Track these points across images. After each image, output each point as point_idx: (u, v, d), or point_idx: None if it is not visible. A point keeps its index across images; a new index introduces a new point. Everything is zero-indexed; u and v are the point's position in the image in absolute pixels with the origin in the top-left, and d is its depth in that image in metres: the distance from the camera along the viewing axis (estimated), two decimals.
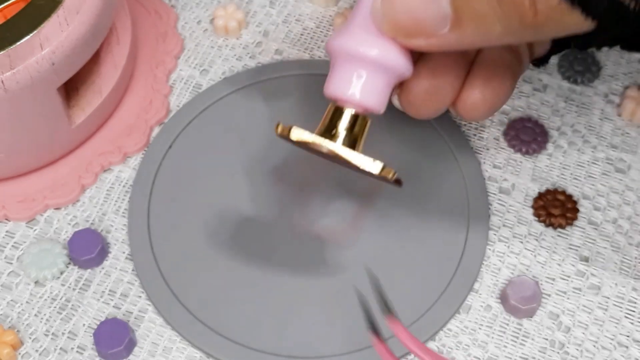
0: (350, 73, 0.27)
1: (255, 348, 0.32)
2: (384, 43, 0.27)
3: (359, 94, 0.27)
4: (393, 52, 0.27)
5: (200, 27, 0.41)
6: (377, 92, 0.28)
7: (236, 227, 0.35)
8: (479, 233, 0.34)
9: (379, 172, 0.27)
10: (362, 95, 0.27)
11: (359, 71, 0.27)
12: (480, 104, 0.30)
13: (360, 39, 0.27)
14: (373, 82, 0.27)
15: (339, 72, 0.28)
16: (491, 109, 0.31)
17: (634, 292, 0.33)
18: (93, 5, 0.33)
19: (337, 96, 0.28)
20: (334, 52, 0.28)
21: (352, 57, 0.27)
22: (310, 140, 0.27)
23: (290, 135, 0.28)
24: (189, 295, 0.33)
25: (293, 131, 0.28)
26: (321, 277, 0.33)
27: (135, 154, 0.37)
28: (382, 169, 0.27)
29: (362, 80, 0.27)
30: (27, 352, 0.32)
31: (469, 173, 0.36)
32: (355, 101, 0.28)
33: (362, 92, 0.27)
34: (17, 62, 0.31)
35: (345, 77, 0.28)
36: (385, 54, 0.27)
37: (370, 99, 0.28)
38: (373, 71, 0.27)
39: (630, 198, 0.36)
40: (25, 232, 0.35)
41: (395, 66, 0.27)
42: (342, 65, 0.28)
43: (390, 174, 0.27)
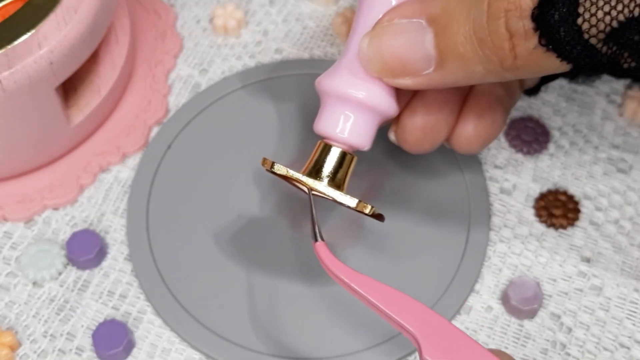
0: (339, 114, 0.29)
1: (254, 349, 0.32)
2: (370, 85, 0.28)
3: (346, 134, 0.29)
4: (379, 93, 0.28)
5: (199, 26, 0.41)
6: (363, 131, 0.29)
7: (235, 228, 0.34)
8: (480, 233, 0.34)
9: (355, 207, 0.28)
10: (350, 134, 0.29)
11: (346, 112, 0.29)
12: (473, 139, 0.31)
13: (348, 81, 0.28)
14: (360, 122, 0.29)
15: (328, 112, 0.29)
16: (484, 143, 0.32)
17: (635, 292, 0.33)
18: (91, 4, 0.33)
19: (326, 135, 0.29)
20: (323, 91, 0.29)
21: (340, 99, 0.29)
22: (294, 178, 0.29)
23: (274, 169, 0.29)
24: (188, 296, 0.33)
25: (277, 167, 0.29)
26: (321, 278, 0.33)
27: (134, 154, 0.37)
28: (358, 204, 0.28)
29: (349, 121, 0.29)
30: (26, 353, 0.32)
31: (470, 173, 0.36)
32: (342, 140, 0.29)
33: (349, 132, 0.29)
34: (15, 62, 0.31)
35: (333, 117, 0.29)
36: (372, 95, 0.28)
37: (357, 138, 0.29)
38: (360, 112, 0.29)
39: (632, 198, 0.35)
40: (24, 232, 0.35)
41: (381, 107, 0.29)
42: (330, 105, 0.29)
43: (367, 209, 0.29)
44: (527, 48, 0.25)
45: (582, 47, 0.24)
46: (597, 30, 0.24)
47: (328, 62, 0.39)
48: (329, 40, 0.40)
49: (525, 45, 0.25)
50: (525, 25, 0.25)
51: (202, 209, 0.35)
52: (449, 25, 0.26)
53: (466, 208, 0.35)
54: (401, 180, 0.36)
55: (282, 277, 0.33)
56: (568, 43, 0.24)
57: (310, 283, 0.33)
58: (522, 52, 0.25)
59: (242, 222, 0.35)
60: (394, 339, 0.32)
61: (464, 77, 0.27)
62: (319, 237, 0.28)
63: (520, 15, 0.24)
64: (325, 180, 0.29)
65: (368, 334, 0.32)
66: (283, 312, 0.33)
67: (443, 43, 0.26)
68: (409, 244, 0.34)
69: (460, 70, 0.27)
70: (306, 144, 0.36)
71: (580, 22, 0.24)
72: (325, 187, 0.29)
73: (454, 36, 0.26)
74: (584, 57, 0.25)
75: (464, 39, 0.26)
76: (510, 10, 0.25)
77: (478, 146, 0.32)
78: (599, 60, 0.25)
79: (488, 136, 0.32)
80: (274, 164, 0.29)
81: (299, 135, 0.37)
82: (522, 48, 0.25)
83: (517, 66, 0.26)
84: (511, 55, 0.25)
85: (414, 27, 0.27)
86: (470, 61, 0.26)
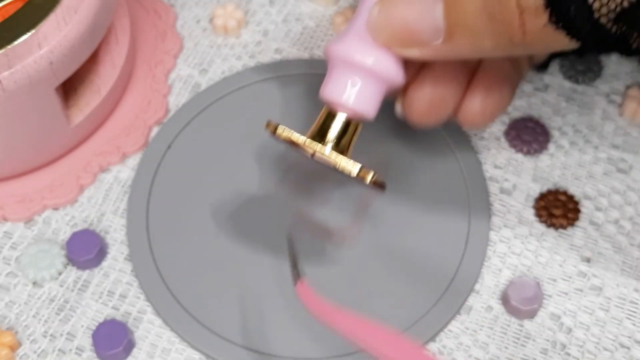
0: (345, 80, 0.29)
1: (254, 349, 0.32)
2: (378, 53, 0.28)
3: (352, 100, 0.29)
4: (387, 61, 0.28)
5: (199, 26, 0.41)
6: (369, 99, 0.29)
7: (235, 228, 0.34)
8: (480, 233, 0.34)
9: (357, 174, 0.28)
10: (355, 101, 0.29)
11: (353, 78, 0.29)
12: (480, 113, 0.31)
13: (357, 47, 0.28)
14: (366, 89, 0.29)
15: (335, 78, 0.29)
16: (491, 117, 0.32)
17: (635, 293, 0.33)
18: (91, 4, 0.33)
19: (332, 100, 0.29)
20: (331, 57, 0.29)
21: (347, 65, 0.28)
22: (299, 142, 0.29)
23: (277, 133, 0.29)
24: (188, 296, 0.33)
25: (281, 129, 0.29)
26: (321, 278, 0.33)
27: (134, 154, 0.37)
28: (360, 170, 0.28)
29: (356, 87, 0.29)
30: (26, 353, 0.32)
31: (470, 173, 0.36)
32: (348, 106, 0.29)
33: (355, 98, 0.29)
34: (15, 62, 0.31)
35: (340, 83, 0.29)
36: (380, 63, 0.28)
37: (363, 105, 0.29)
38: (367, 79, 0.28)
39: (632, 198, 0.35)
40: (24, 232, 0.35)
41: (388, 75, 0.28)
42: (338, 71, 0.29)
43: (369, 176, 0.28)
44: (536, 25, 0.25)
45: (592, 26, 0.24)
46: (607, 10, 0.24)
47: None
48: (329, 40, 0.40)
49: (535, 21, 0.25)
50: (536, 1, 0.24)
51: (202, 209, 0.35)
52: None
53: (466, 208, 0.35)
54: (400, 180, 0.36)
55: (284, 278, 0.33)
56: (578, 21, 0.24)
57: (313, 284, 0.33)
58: (532, 28, 0.25)
59: (242, 221, 0.35)
60: None
61: (472, 51, 0.27)
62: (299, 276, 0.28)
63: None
64: (329, 145, 0.29)
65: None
66: (283, 312, 0.33)
67: (453, 15, 0.26)
68: (409, 244, 0.34)
69: (469, 43, 0.27)
70: None
71: (591, 1, 0.24)
72: (329, 152, 0.28)
73: (464, 9, 0.26)
74: (594, 36, 0.25)
75: (474, 12, 0.26)
76: None
77: (484, 121, 0.32)
78: (608, 40, 0.25)
79: (494, 111, 0.32)
80: (278, 127, 0.29)
81: None
82: (531, 24, 0.25)
83: (526, 42, 0.26)
84: (520, 31, 0.25)
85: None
86: (479, 35, 0.26)
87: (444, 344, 0.32)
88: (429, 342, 0.32)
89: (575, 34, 0.25)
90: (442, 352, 0.32)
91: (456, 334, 0.32)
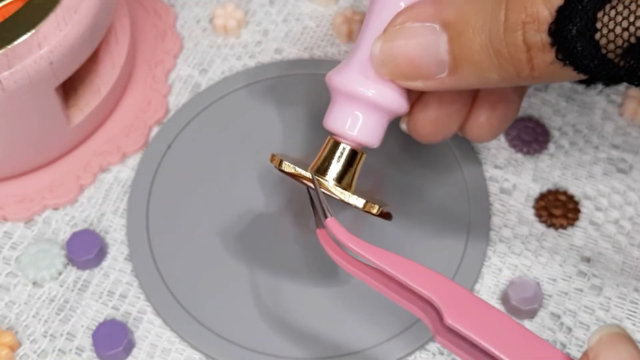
0: (348, 111, 0.29)
1: (254, 349, 0.32)
2: (380, 84, 0.28)
3: (355, 132, 0.29)
4: (389, 93, 0.28)
5: (199, 26, 0.41)
6: (373, 129, 0.29)
7: (235, 228, 0.34)
8: (480, 233, 0.34)
9: (362, 207, 0.28)
10: (359, 132, 0.29)
11: (356, 110, 0.29)
12: (486, 129, 0.31)
13: (358, 79, 0.28)
14: (369, 121, 0.29)
15: (338, 109, 0.29)
16: (497, 132, 0.32)
17: (635, 292, 0.33)
18: (91, 4, 0.33)
19: (335, 131, 0.29)
20: (333, 88, 0.29)
21: (350, 97, 0.28)
22: (303, 176, 0.29)
23: (281, 168, 0.29)
24: (188, 296, 0.33)
25: (285, 165, 0.29)
26: (321, 278, 0.33)
27: (134, 154, 0.37)
28: (365, 204, 0.28)
29: (359, 119, 0.29)
30: (26, 353, 0.32)
31: (470, 173, 0.36)
32: (351, 138, 0.29)
33: (359, 130, 0.29)
34: (15, 62, 0.31)
35: (343, 115, 0.29)
36: (382, 95, 0.28)
37: (367, 136, 0.29)
38: (369, 111, 0.28)
39: (632, 198, 0.35)
40: (24, 232, 0.35)
41: (391, 107, 0.28)
42: (340, 103, 0.29)
43: (374, 209, 0.29)
44: (544, 60, 0.25)
45: (600, 61, 0.24)
46: (614, 46, 0.24)
47: (328, 62, 0.39)
48: (329, 40, 0.40)
49: (542, 57, 0.25)
50: (542, 38, 0.24)
51: (202, 208, 0.35)
52: (464, 32, 0.26)
53: (466, 208, 0.35)
54: (400, 180, 0.36)
55: (283, 277, 0.33)
56: (585, 57, 0.24)
57: (311, 283, 0.33)
58: (540, 64, 0.25)
59: (242, 222, 0.35)
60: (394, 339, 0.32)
61: (478, 83, 0.27)
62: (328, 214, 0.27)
63: (538, 28, 0.24)
64: (334, 178, 0.29)
65: (370, 334, 0.32)
66: (283, 312, 0.33)
67: (457, 50, 0.26)
68: (409, 243, 0.34)
69: (474, 76, 0.26)
70: (307, 143, 0.36)
71: (598, 37, 0.24)
72: (333, 187, 0.29)
73: (469, 44, 0.26)
74: (601, 71, 0.25)
75: (480, 48, 0.26)
76: (528, 22, 0.24)
77: (490, 136, 0.32)
78: (617, 73, 0.24)
79: (500, 126, 0.31)
80: (282, 162, 0.29)
81: (299, 135, 0.37)
82: (539, 60, 0.25)
83: (534, 76, 0.25)
84: (528, 67, 0.25)
85: (427, 32, 0.26)
86: (485, 69, 0.26)
87: None
88: (429, 342, 0.32)
89: (583, 69, 0.25)
90: (442, 353, 0.32)
91: None
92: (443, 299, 0.24)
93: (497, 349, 0.23)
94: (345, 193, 0.29)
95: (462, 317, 0.24)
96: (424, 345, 0.32)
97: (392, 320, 0.32)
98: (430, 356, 0.32)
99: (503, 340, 0.23)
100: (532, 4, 0.24)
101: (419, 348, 0.32)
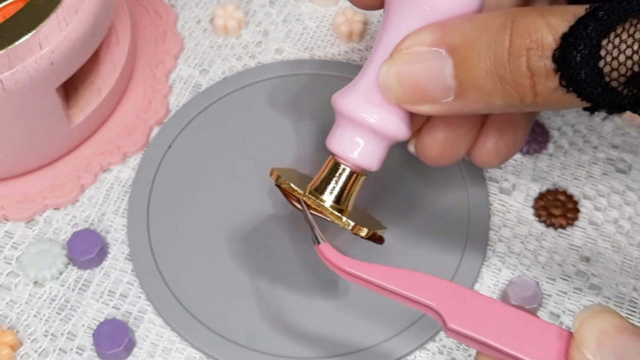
0: (350, 136, 0.29)
1: (254, 349, 0.32)
2: (383, 111, 0.28)
3: (356, 155, 0.29)
4: (392, 119, 0.28)
5: (199, 26, 0.41)
6: (373, 154, 0.29)
7: (236, 228, 0.35)
8: (480, 233, 0.34)
9: (351, 229, 0.29)
10: (359, 156, 0.29)
11: (358, 135, 0.29)
12: (494, 155, 0.31)
13: (362, 105, 0.28)
14: (370, 146, 0.29)
15: (340, 132, 0.29)
16: (504, 159, 0.32)
17: (634, 292, 0.33)
18: (92, 4, 0.33)
19: (336, 153, 0.29)
20: (337, 111, 0.29)
21: (352, 121, 0.29)
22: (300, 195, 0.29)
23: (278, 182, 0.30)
24: (188, 295, 0.33)
25: (280, 181, 0.29)
26: (321, 278, 0.33)
27: (135, 154, 0.37)
28: (353, 227, 0.29)
29: (360, 143, 0.29)
30: (27, 352, 0.32)
31: (469, 173, 0.36)
32: (352, 161, 0.29)
33: (359, 154, 0.29)
34: (16, 62, 0.31)
35: (344, 138, 0.29)
36: (384, 122, 0.28)
37: (367, 160, 0.29)
38: (371, 137, 0.29)
39: (631, 198, 0.35)
40: (25, 232, 0.35)
41: (392, 133, 0.29)
42: (343, 126, 0.29)
43: (363, 232, 0.29)
44: (548, 87, 0.25)
45: (603, 89, 0.24)
46: (618, 74, 0.24)
47: (328, 62, 0.39)
48: (329, 40, 0.40)
49: (546, 84, 0.25)
50: (546, 65, 0.24)
51: (203, 208, 0.35)
52: (470, 57, 0.26)
53: (466, 208, 0.35)
54: (400, 180, 0.36)
55: (283, 276, 0.33)
56: (589, 85, 0.24)
57: (311, 282, 0.33)
58: (543, 90, 0.25)
59: (242, 221, 0.35)
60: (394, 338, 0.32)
61: (483, 108, 0.27)
62: (320, 240, 0.28)
63: (542, 54, 0.24)
64: (331, 199, 0.29)
65: (370, 334, 0.32)
66: (283, 312, 0.33)
67: (463, 75, 0.26)
68: (409, 243, 0.34)
69: (480, 101, 0.26)
70: (306, 144, 0.36)
71: (602, 64, 0.24)
72: (326, 208, 0.29)
73: (474, 69, 0.26)
74: (605, 98, 0.25)
75: (485, 73, 0.26)
76: (532, 48, 0.24)
77: (498, 161, 0.32)
78: (620, 102, 0.24)
79: (508, 152, 0.31)
80: (279, 178, 0.29)
81: (299, 135, 0.37)
82: (543, 87, 0.25)
83: (538, 103, 0.25)
84: (532, 93, 0.25)
85: (433, 56, 0.27)
86: (490, 94, 0.26)
87: (444, 343, 0.32)
88: (429, 342, 0.32)
89: (587, 96, 0.25)
90: (441, 352, 0.32)
91: None
92: (443, 305, 0.25)
93: (499, 343, 0.24)
94: (336, 214, 0.29)
95: (463, 320, 0.24)
96: (424, 345, 0.32)
97: (392, 319, 0.32)
98: (430, 355, 0.32)
99: (505, 332, 0.24)
100: (536, 30, 0.24)
101: (419, 347, 0.32)
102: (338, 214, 0.29)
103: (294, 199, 0.30)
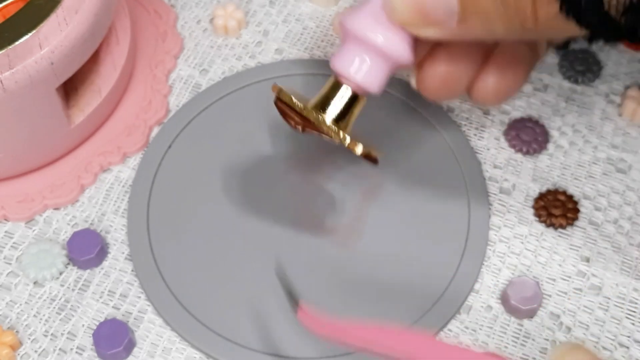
0: (355, 55, 0.29)
1: (255, 349, 0.32)
2: (389, 32, 0.29)
3: (359, 75, 0.29)
4: (397, 41, 0.29)
5: (199, 26, 0.41)
6: (376, 75, 0.29)
7: (236, 228, 0.35)
8: (479, 233, 0.34)
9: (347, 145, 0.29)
10: (362, 76, 0.29)
11: (363, 54, 0.29)
12: (493, 91, 0.32)
13: (369, 24, 0.29)
14: (374, 66, 0.29)
15: (345, 51, 0.29)
16: (504, 97, 0.32)
17: (635, 292, 0.33)
18: (92, 4, 0.33)
19: (340, 72, 0.30)
20: (344, 29, 0.30)
21: (358, 40, 0.29)
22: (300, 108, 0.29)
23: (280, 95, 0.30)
24: (188, 295, 0.33)
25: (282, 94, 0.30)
26: (321, 278, 0.33)
27: (135, 154, 0.37)
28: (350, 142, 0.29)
29: (364, 63, 0.29)
30: (26, 352, 0.32)
31: (469, 173, 0.36)
32: (354, 80, 0.29)
33: (362, 73, 0.29)
34: (16, 62, 0.31)
35: (349, 57, 0.29)
36: (389, 43, 0.29)
37: (369, 81, 0.29)
38: (376, 57, 0.29)
39: (631, 198, 0.35)
40: (24, 232, 0.35)
41: (397, 55, 0.29)
42: (349, 45, 0.29)
43: (358, 148, 0.29)
44: (548, 13, 0.25)
45: (602, 17, 0.25)
46: (617, 2, 0.24)
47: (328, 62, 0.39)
48: (329, 40, 0.40)
49: (547, 9, 0.25)
50: None
51: (203, 208, 0.35)
52: None
53: (466, 208, 0.35)
54: (400, 179, 0.36)
55: None
56: (588, 12, 0.25)
57: (311, 282, 0.33)
58: (543, 16, 0.26)
59: (242, 222, 0.35)
60: None
61: (485, 33, 0.28)
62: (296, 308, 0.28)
63: None
64: (330, 117, 0.29)
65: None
66: (284, 312, 0.33)
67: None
68: (409, 243, 0.34)
69: (482, 26, 0.27)
70: (306, 144, 0.36)
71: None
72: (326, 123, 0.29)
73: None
74: (603, 26, 0.25)
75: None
76: None
77: (496, 100, 0.32)
78: (618, 29, 0.25)
79: (508, 90, 0.32)
80: (281, 91, 0.29)
81: (299, 136, 0.37)
82: (543, 12, 0.26)
83: (538, 28, 0.26)
84: (532, 18, 0.26)
85: None
86: (492, 19, 0.27)
87: None
88: None
89: (585, 23, 0.25)
90: None
91: (456, 334, 0.32)
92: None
93: None
94: (334, 129, 0.29)
95: None
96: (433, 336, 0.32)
97: (392, 319, 0.32)
98: None
99: None
100: None
101: None
102: (335, 129, 0.29)
103: (293, 119, 0.30)
